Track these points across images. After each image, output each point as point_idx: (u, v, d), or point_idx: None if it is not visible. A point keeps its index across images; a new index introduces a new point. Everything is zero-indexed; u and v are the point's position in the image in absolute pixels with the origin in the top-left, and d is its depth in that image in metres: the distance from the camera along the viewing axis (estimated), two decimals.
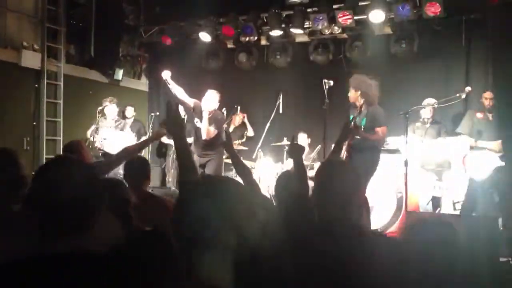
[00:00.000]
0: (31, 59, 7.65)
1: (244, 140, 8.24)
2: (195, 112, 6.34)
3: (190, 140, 8.40)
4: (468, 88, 5.71)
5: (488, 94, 5.58)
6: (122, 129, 7.59)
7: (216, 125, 6.34)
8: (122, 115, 8.35)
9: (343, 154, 5.41)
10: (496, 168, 5.37)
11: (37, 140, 7.72)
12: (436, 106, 6.40)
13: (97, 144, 7.14)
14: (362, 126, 5.31)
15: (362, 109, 5.38)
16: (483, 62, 7.02)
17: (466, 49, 7.26)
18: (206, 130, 6.21)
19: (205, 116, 6.18)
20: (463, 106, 6.87)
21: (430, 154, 6.54)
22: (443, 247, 1.98)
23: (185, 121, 6.26)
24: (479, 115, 5.64)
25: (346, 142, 5.36)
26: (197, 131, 6.38)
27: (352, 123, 5.20)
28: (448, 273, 1.94)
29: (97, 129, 7.23)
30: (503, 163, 5.37)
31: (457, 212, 6.13)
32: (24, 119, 7.65)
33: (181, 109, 6.10)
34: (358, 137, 5.27)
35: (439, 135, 6.62)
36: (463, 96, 5.72)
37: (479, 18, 6.76)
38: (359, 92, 5.35)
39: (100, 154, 7.19)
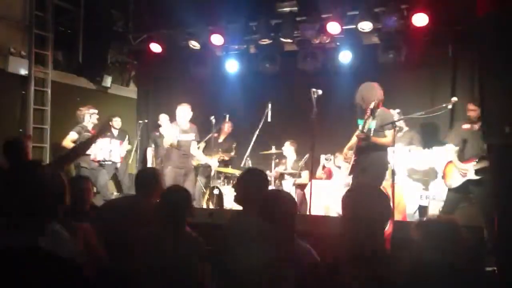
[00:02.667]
0: (18, 65, 7.60)
1: (233, 153, 8.23)
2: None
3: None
4: (454, 99, 5.76)
5: (471, 106, 5.66)
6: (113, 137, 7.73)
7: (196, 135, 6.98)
8: (109, 125, 8.33)
9: (352, 157, 5.45)
10: (467, 180, 5.53)
11: None
12: (414, 117, 6.50)
13: (93, 157, 7.16)
14: (372, 129, 5.30)
15: (370, 113, 5.34)
16: (469, 73, 7.11)
17: (452, 60, 7.36)
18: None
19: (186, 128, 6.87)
20: (449, 117, 6.95)
21: (417, 164, 6.60)
22: None
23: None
24: (466, 126, 5.73)
25: (355, 145, 5.40)
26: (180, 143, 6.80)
27: (360, 129, 5.25)
28: None
29: (81, 139, 7.20)
30: (476, 177, 5.51)
31: None
32: (10, 126, 7.56)
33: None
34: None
35: (411, 144, 6.70)
36: (449, 106, 5.76)
37: (466, 30, 6.84)
38: (375, 100, 5.28)
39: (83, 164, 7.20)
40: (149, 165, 8.51)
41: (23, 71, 7.68)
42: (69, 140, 7.20)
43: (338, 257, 2.19)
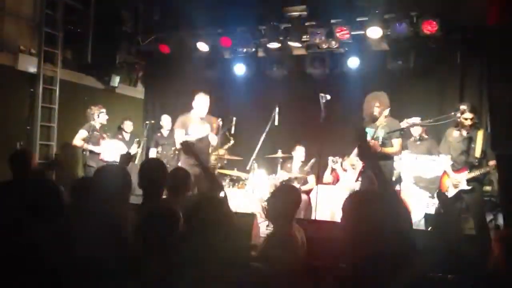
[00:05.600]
0: (27, 63, 7.64)
1: (231, 142, 7.96)
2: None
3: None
4: (463, 107, 5.74)
5: (467, 115, 5.64)
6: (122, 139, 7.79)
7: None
8: (119, 128, 8.35)
9: (359, 163, 5.48)
10: (460, 190, 5.56)
11: (30, 145, 7.67)
12: (422, 124, 6.49)
13: (102, 156, 7.18)
14: (381, 137, 5.40)
15: (379, 121, 5.46)
16: (477, 81, 7.09)
17: (461, 67, 7.34)
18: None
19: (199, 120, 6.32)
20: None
21: (422, 171, 6.58)
22: None
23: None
24: (456, 133, 5.74)
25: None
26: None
27: (372, 139, 5.29)
28: None
29: (90, 137, 7.23)
30: (468, 187, 5.57)
31: None
32: (18, 123, 7.61)
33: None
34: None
35: (430, 152, 6.67)
36: (458, 114, 5.74)
37: (475, 37, 6.83)
38: (383, 107, 5.47)
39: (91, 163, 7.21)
40: None
41: (32, 69, 7.72)
42: (79, 138, 7.24)
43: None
